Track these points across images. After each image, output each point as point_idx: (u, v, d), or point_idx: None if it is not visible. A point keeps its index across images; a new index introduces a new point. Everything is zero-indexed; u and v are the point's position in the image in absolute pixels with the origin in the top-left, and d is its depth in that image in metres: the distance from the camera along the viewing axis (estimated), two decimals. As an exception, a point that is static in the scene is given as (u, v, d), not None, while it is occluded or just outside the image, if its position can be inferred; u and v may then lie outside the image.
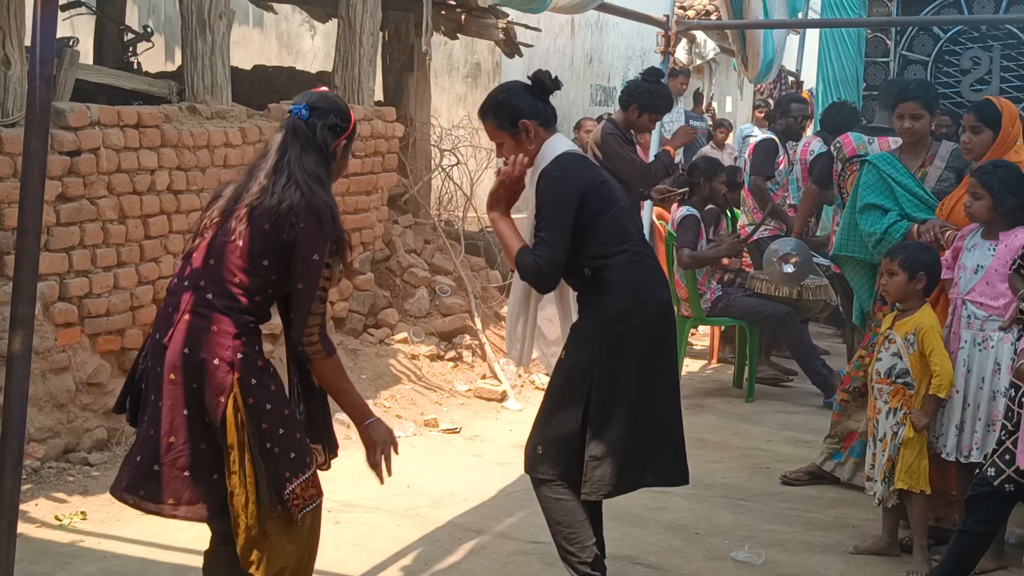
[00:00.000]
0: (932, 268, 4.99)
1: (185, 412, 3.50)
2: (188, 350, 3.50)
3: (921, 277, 4.95)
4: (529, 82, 4.26)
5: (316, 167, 3.62)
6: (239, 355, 3.53)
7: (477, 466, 6.24)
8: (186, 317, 3.52)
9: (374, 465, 3.71)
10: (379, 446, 3.69)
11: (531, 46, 10.87)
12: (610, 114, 7.55)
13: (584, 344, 4.15)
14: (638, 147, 7.98)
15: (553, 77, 4.25)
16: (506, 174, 4.15)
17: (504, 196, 4.21)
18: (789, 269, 7.90)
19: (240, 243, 3.54)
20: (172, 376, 3.52)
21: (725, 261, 8.31)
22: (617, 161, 7.03)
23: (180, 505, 3.56)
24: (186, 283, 3.58)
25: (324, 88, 3.92)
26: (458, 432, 6.87)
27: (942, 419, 4.98)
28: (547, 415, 4.23)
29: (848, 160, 6.64)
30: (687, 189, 8.09)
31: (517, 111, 4.18)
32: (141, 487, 3.55)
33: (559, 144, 4.21)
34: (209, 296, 3.54)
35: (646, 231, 7.99)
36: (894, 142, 6.39)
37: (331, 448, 3.86)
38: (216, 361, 3.50)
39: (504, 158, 4.24)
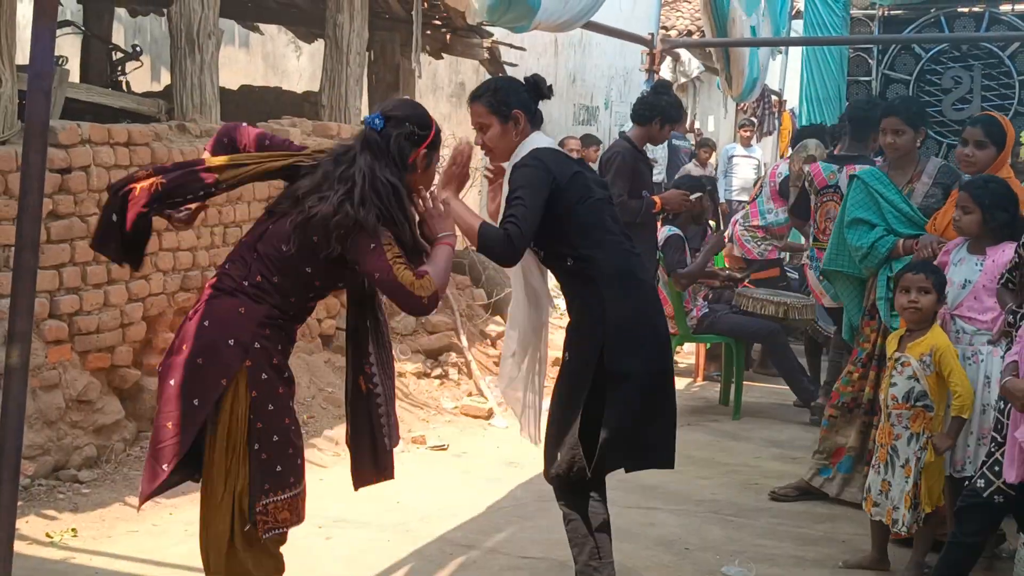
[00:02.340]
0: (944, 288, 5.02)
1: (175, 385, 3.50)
2: (207, 323, 3.51)
3: (943, 299, 4.98)
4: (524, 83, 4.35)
5: (389, 178, 3.59)
6: (256, 344, 3.51)
7: (465, 483, 6.24)
8: (217, 293, 3.55)
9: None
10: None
11: (515, 65, 10.92)
12: (623, 132, 7.55)
13: (584, 339, 4.21)
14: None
15: (548, 84, 4.34)
16: (459, 151, 4.08)
17: (456, 175, 4.10)
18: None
19: (284, 248, 3.57)
20: (184, 347, 3.51)
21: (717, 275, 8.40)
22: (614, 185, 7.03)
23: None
24: (232, 261, 3.63)
25: (406, 97, 3.92)
26: (445, 449, 6.87)
27: None
28: (565, 419, 4.25)
29: (820, 191, 6.71)
30: (701, 194, 8.09)
31: (512, 100, 4.24)
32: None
33: (538, 140, 4.27)
34: (246, 282, 3.56)
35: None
36: (860, 168, 6.47)
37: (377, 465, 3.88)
38: (231, 341, 3.48)
39: (476, 141, 4.29)
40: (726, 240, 9.26)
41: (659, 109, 7.06)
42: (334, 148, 3.75)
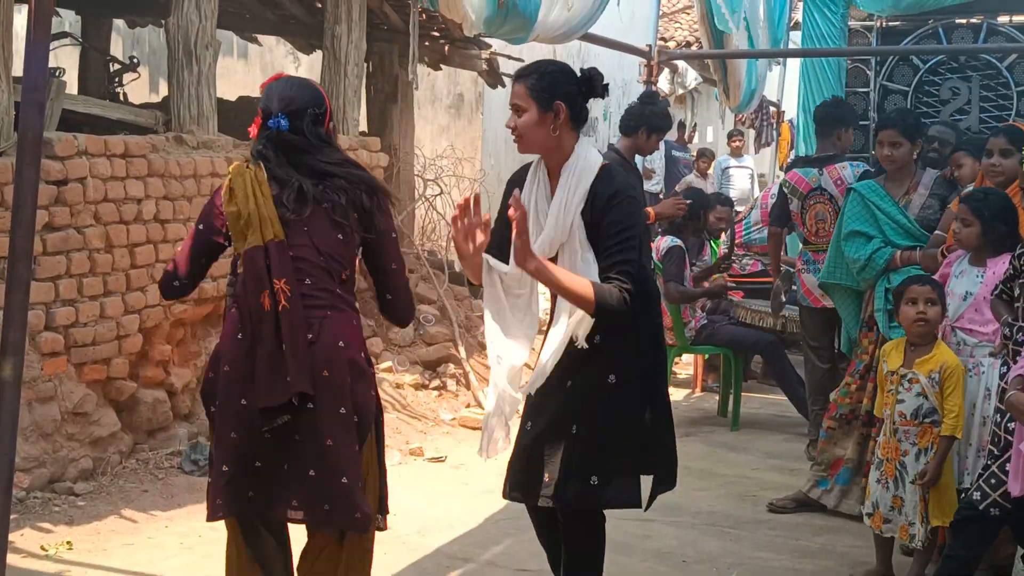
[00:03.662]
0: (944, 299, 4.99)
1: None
2: (342, 344, 3.59)
3: (946, 311, 4.96)
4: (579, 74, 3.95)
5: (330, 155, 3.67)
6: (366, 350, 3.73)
7: (463, 494, 6.23)
8: (327, 313, 3.61)
9: None
10: None
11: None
12: (611, 144, 7.55)
13: (634, 362, 3.91)
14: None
15: (605, 83, 3.95)
16: (517, 225, 3.58)
17: (527, 244, 3.64)
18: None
19: (341, 237, 3.65)
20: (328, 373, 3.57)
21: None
22: None
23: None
24: (308, 275, 3.66)
25: (274, 77, 3.84)
26: (443, 461, 6.86)
27: None
28: (603, 442, 3.91)
29: (806, 196, 6.71)
30: (690, 201, 8.09)
31: (558, 89, 3.83)
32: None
33: (594, 155, 3.89)
34: (339, 289, 3.67)
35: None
36: (841, 168, 6.48)
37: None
38: (362, 354, 3.65)
39: (508, 123, 3.88)
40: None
41: (644, 119, 7.06)
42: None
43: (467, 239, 3.68)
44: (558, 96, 3.82)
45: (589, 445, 3.89)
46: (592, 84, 3.90)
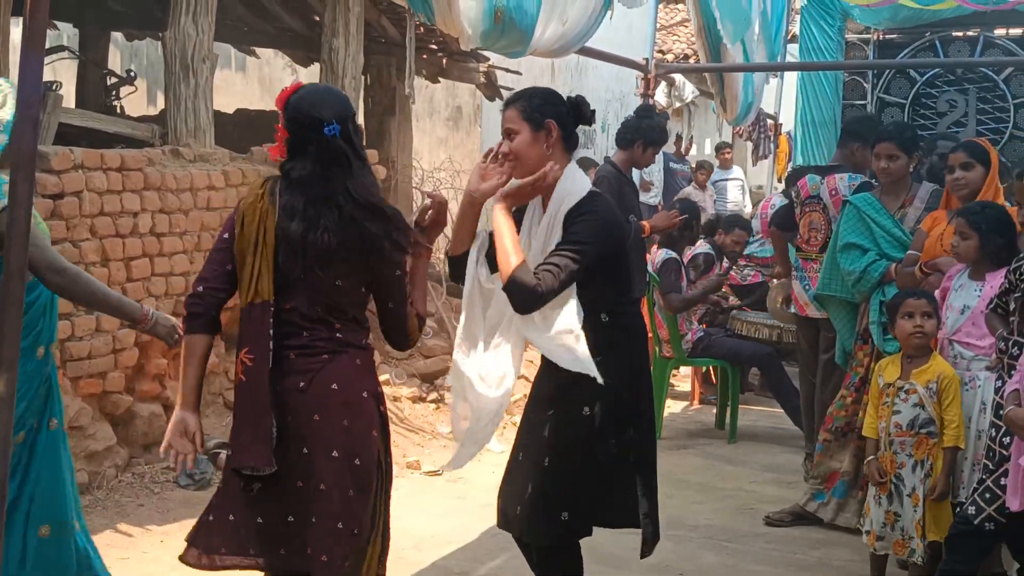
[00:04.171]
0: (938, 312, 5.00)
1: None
2: (336, 386, 3.51)
3: (941, 324, 4.96)
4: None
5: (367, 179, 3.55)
6: (378, 387, 3.63)
7: (460, 508, 6.22)
8: (330, 357, 3.53)
9: None
10: None
11: (512, 89, 10.93)
12: (608, 157, 7.57)
13: (609, 395, 3.86)
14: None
15: (592, 109, 4.06)
16: (543, 175, 3.82)
17: (526, 194, 3.88)
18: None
19: (340, 283, 3.56)
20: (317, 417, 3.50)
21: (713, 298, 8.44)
22: None
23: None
24: (311, 323, 3.58)
25: (298, 84, 3.63)
26: (440, 474, 6.85)
27: None
28: (574, 477, 3.91)
29: (803, 202, 6.71)
30: (687, 216, 8.11)
31: (548, 110, 3.93)
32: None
33: (582, 180, 3.96)
34: (339, 335, 3.56)
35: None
36: (840, 179, 6.47)
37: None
38: (364, 394, 3.54)
39: (502, 149, 3.93)
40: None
41: (640, 132, 7.08)
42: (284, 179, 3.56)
43: (483, 178, 3.86)
44: (548, 115, 3.91)
45: (560, 479, 3.90)
46: (580, 110, 4.01)
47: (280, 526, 3.51)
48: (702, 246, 8.36)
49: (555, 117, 3.92)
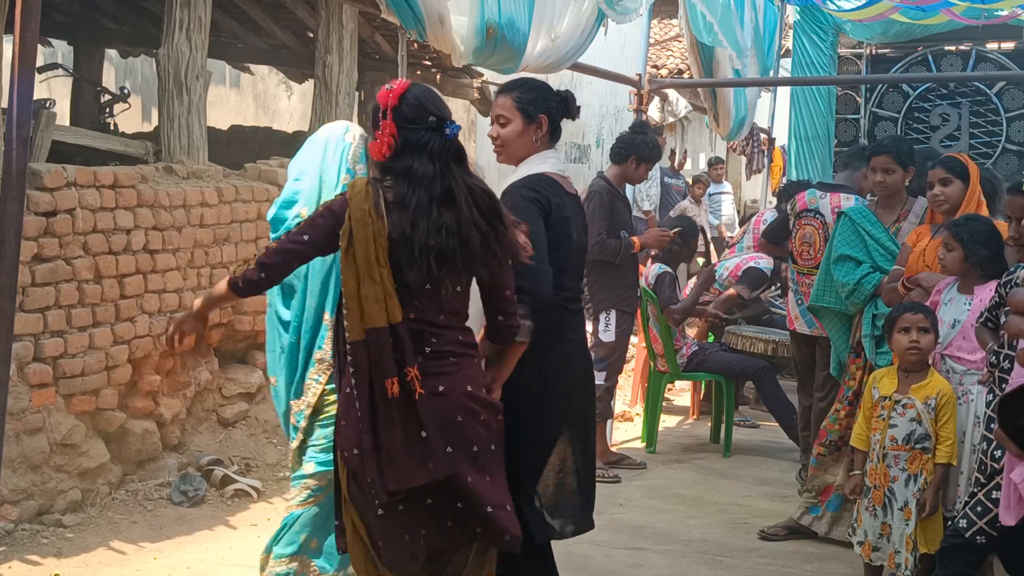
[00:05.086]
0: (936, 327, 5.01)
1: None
2: (471, 387, 3.64)
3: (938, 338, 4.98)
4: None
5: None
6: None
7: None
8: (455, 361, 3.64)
9: None
10: None
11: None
12: (600, 172, 7.59)
13: (509, 395, 3.89)
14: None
15: (577, 106, 4.22)
16: None
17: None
18: None
19: (459, 289, 3.68)
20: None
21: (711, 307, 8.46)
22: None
23: None
24: (436, 330, 3.65)
25: (400, 83, 3.64)
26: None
27: None
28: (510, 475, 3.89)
29: (799, 214, 6.72)
30: (680, 228, 8.13)
31: (542, 104, 4.11)
32: None
33: (550, 158, 4.15)
34: (460, 336, 3.68)
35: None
36: (845, 199, 6.47)
37: None
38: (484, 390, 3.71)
39: (490, 133, 4.14)
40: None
41: (634, 148, 7.13)
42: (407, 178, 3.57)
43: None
44: (541, 110, 4.10)
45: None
46: (567, 105, 4.18)
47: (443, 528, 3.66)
48: (655, 267, 8.21)
49: (546, 112, 4.11)
